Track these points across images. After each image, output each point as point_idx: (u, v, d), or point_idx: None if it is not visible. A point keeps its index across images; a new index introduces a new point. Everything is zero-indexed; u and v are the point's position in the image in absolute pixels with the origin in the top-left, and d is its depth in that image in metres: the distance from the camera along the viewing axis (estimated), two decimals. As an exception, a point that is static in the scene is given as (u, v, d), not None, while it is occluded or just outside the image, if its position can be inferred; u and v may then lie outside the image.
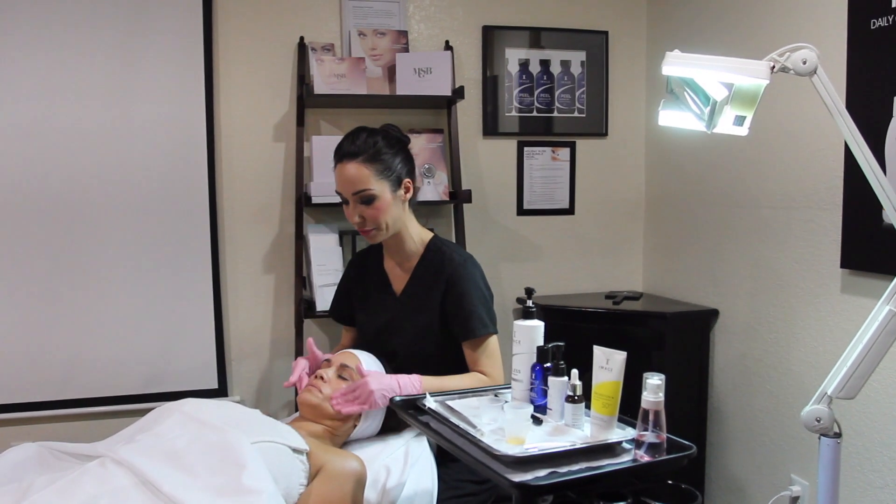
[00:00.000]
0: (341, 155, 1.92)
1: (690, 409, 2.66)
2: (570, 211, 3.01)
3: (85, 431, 2.58)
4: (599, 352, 1.33)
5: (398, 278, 2.06)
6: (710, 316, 2.65)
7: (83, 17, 2.46)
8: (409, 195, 1.98)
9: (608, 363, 1.31)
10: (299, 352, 2.60)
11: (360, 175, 1.88)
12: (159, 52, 2.53)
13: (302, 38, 2.66)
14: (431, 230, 2.12)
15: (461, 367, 1.94)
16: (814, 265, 2.20)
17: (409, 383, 1.78)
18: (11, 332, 2.49)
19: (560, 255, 3.02)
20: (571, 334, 2.63)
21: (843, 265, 2.08)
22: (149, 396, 2.61)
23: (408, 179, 1.97)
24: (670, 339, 2.56)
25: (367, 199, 1.89)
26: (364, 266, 2.17)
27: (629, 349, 2.62)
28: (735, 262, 2.55)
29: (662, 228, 2.99)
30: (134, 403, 2.60)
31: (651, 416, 1.22)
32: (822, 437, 1.56)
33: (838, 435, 1.55)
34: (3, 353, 2.49)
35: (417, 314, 1.98)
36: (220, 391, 2.69)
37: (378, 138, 1.93)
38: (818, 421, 1.55)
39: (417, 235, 2.04)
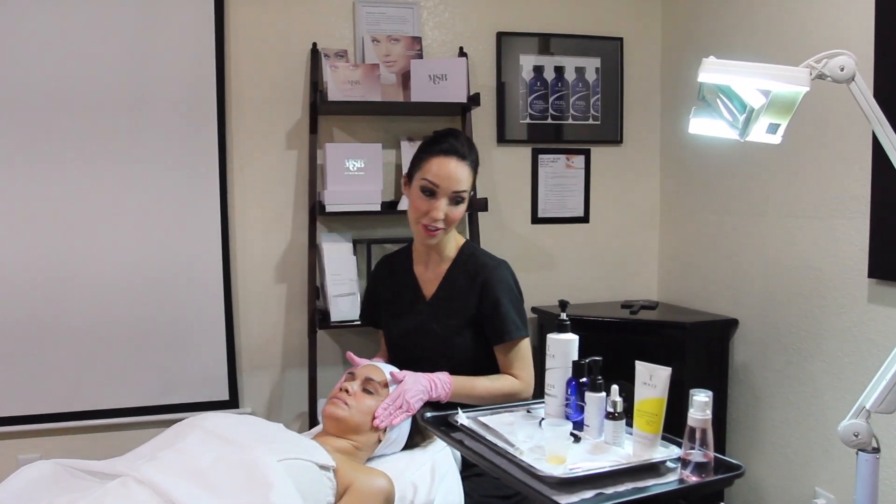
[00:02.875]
0: (450, 150, 1.92)
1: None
2: (584, 219, 2.98)
3: (94, 444, 2.54)
4: (642, 367, 1.29)
5: (428, 282, 2.05)
6: (729, 325, 2.61)
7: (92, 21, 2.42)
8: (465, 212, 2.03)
9: (651, 379, 1.28)
10: (312, 363, 2.56)
11: (465, 177, 1.92)
12: (170, 56, 2.49)
13: (315, 45, 2.63)
14: (466, 239, 2.12)
15: (489, 369, 1.95)
16: (839, 274, 2.16)
17: (441, 383, 1.82)
18: (20, 344, 2.45)
19: (575, 263, 2.98)
20: (587, 344, 2.63)
21: (870, 274, 2.04)
22: (159, 408, 2.57)
23: (472, 192, 2.01)
24: (689, 350, 2.52)
25: (459, 201, 1.93)
26: (392, 270, 2.15)
27: (647, 360, 2.60)
28: (754, 270, 2.51)
29: (678, 236, 2.95)
30: (144, 415, 2.56)
31: (698, 435, 1.18)
32: (860, 453, 1.52)
33: (877, 450, 1.51)
34: (11, 365, 2.44)
35: (448, 318, 1.97)
36: (232, 403, 2.65)
37: (472, 147, 2.00)
38: (856, 436, 1.51)
39: (454, 240, 2.06)
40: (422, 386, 1.79)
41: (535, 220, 2.92)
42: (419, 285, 2.06)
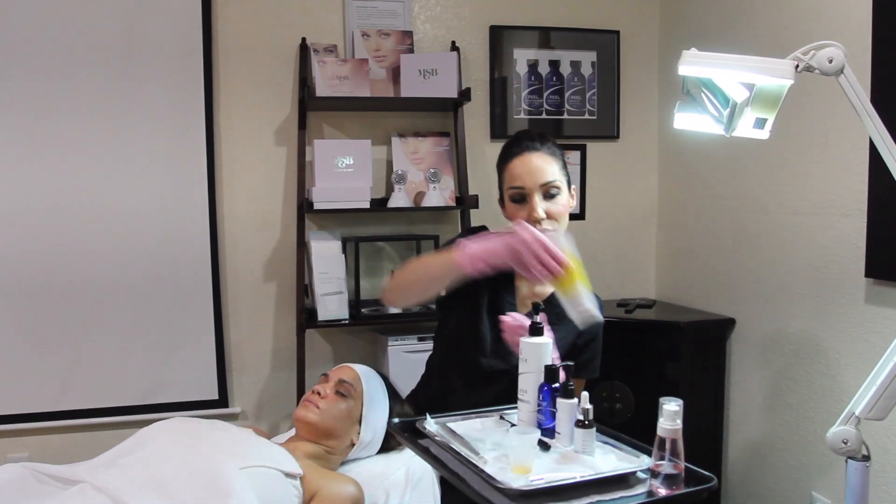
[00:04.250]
0: (521, 148, 1.76)
1: (707, 422, 2.56)
2: (580, 216, 2.92)
3: (82, 443, 2.52)
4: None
5: (525, 300, 1.83)
6: (726, 325, 2.55)
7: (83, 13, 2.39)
8: (573, 202, 1.83)
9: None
10: (301, 362, 2.53)
11: (547, 165, 1.74)
12: (157, 52, 2.46)
13: (304, 39, 2.58)
14: None
15: None
16: (837, 274, 2.10)
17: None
18: (7, 343, 2.44)
19: (570, 261, 2.92)
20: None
21: (867, 274, 1.98)
22: (148, 407, 2.55)
23: (574, 186, 1.83)
24: (685, 350, 2.46)
25: (554, 193, 1.75)
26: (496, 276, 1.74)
27: (643, 360, 2.54)
28: (752, 268, 2.45)
29: (676, 234, 2.89)
30: (133, 414, 2.54)
31: (668, 445, 1.12)
32: (849, 460, 1.47)
33: (867, 458, 1.46)
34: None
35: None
36: (221, 402, 2.62)
37: (546, 135, 1.81)
38: (845, 443, 1.45)
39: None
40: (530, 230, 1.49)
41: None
42: (515, 301, 1.83)
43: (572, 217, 2.82)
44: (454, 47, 2.70)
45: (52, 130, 2.41)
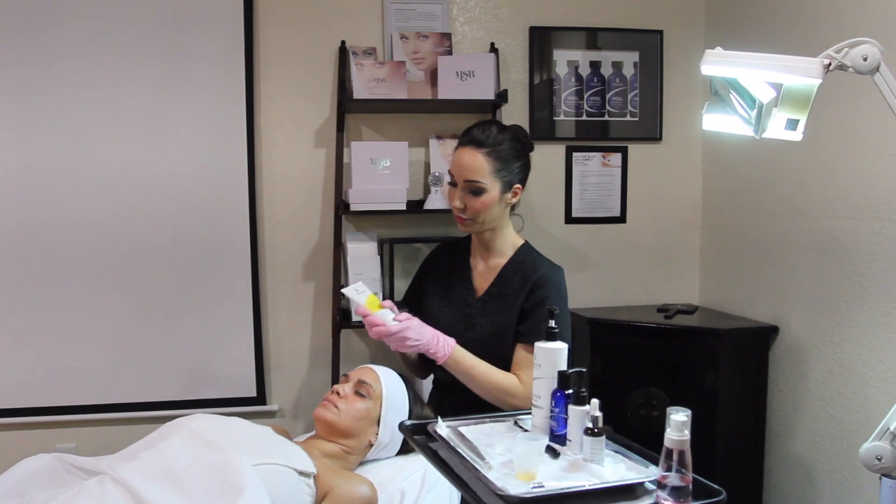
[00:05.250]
0: (467, 139, 1.92)
1: (747, 433, 2.49)
2: (621, 219, 2.87)
3: (126, 435, 2.56)
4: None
5: (482, 276, 2.01)
6: (768, 333, 2.47)
7: (125, 26, 2.47)
8: (514, 199, 1.96)
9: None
10: (336, 362, 2.55)
11: (477, 165, 1.87)
12: (200, 54, 2.52)
13: (343, 43, 2.61)
14: (525, 240, 2.06)
15: None
16: (884, 280, 2.01)
17: (444, 343, 1.78)
18: (56, 338, 2.53)
19: (611, 265, 2.88)
20: (617, 350, 2.54)
21: (915, 282, 1.89)
22: (188, 403, 2.60)
23: (518, 185, 1.95)
24: (725, 358, 2.39)
25: (476, 191, 1.88)
26: (451, 258, 2.11)
27: (680, 367, 2.47)
28: (797, 275, 2.36)
29: (720, 238, 2.81)
30: (173, 409, 2.59)
31: (675, 456, 1.09)
32: (883, 478, 1.40)
33: (902, 475, 1.39)
34: (49, 358, 2.53)
35: (497, 314, 1.92)
36: (259, 399, 2.67)
37: (507, 137, 1.92)
38: (879, 459, 1.40)
39: (510, 238, 2.01)
40: (426, 335, 1.75)
41: (569, 219, 2.83)
42: (472, 277, 2.03)
43: (613, 220, 2.84)
44: (493, 49, 2.69)
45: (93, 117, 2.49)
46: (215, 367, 2.63)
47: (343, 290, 1.81)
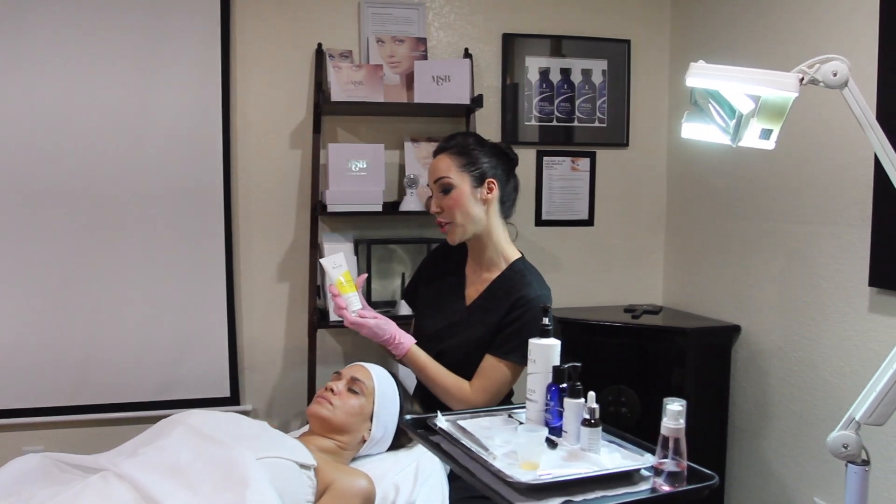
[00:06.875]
0: (436, 150, 2.04)
1: (711, 428, 2.60)
2: (589, 222, 2.96)
3: (96, 438, 2.57)
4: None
5: (474, 286, 2.05)
6: (731, 332, 2.58)
7: (102, 22, 2.45)
8: (491, 195, 1.98)
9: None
10: (312, 362, 2.57)
11: (443, 165, 1.97)
12: (177, 56, 2.51)
13: (320, 45, 2.64)
14: (521, 254, 2.09)
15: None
16: (841, 282, 2.13)
17: (403, 340, 1.94)
18: (24, 337, 2.48)
19: (579, 266, 2.96)
20: (588, 349, 2.62)
21: (871, 283, 2.01)
22: (161, 403, 2.58)
23: (492, 179, 1.98)
24: (691, 356, 2.49)
25: (445, 188, 1.95)
26: (448, 260, 2.15)
27: (648, 365, 2.57)
28: (759, 276, 2.48)
29: (684, 241, 2.92)
30: (146, 410, 2.58)
31: (671, 444, 1.16)
32: (849, 465, 1.50)
33: (866, 462, 1.49)
34: (16, 358, 2.48)
35: (479, 326, 1.96)
36: (233, 400, 2.67)
37: (470, 138, 2.03)
38: (845, 447, 1.49)
39: (502, 249, 2.03)
40: (387, 330, 1.91)
41: (539, 222, 2.91)
42: (464, 286, 2.07)
43: (581, 223, 2.92)
44: (467, 54, 2.75)
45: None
46: (189, 367, 2.62)
47: (321, 261, 1.95)
